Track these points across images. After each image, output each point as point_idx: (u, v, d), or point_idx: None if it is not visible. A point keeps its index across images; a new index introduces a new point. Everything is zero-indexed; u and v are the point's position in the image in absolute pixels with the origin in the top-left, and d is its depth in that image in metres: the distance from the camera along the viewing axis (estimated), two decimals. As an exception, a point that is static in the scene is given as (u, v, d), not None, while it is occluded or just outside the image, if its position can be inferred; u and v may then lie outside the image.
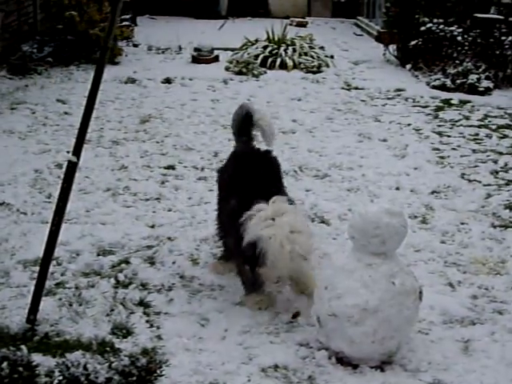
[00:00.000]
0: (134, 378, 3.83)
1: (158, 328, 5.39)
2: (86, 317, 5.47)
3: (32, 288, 5.42)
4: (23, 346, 4.04)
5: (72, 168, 5.11)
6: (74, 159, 5.08)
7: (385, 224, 4.84)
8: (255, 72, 14.38)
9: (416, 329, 5.32)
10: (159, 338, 5.25)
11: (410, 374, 4.92)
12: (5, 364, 3.83)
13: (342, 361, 4.99)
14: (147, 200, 7.86)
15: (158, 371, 3.96)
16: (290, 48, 15.28)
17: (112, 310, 5.57)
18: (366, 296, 4.81)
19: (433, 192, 8.27)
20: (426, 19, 14.63)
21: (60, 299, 5.71)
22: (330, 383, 4.79)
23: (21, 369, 3.85)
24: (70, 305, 5.63)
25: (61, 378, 3.85)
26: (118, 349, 4.93)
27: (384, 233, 4.85)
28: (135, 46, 16.96)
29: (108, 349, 4.24)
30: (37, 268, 5.92)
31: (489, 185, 8.55)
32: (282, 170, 6.44)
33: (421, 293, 5.07)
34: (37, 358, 4.42)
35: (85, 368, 3.82)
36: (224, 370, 4.86)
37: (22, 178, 8.39)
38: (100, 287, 5.94)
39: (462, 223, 7.44)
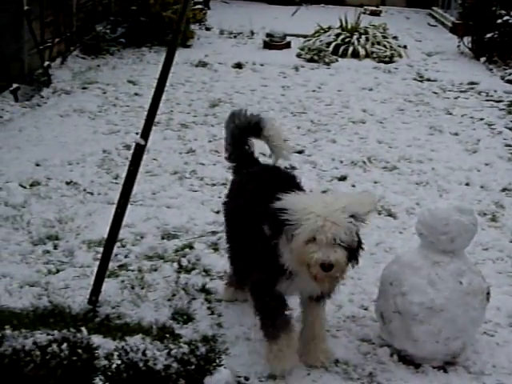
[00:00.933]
0: (193, 367, 3.79)
1: (219, 316, 5.35)
2: (147, 300, 5.46)
3: (95, 269, 5.44)
4: (83, 328, 4.04)
5: (139, 151, 5.09)
6: (142, 142, 5.05)
7: (454, 221, 4.71)
8: (327, 60, 14.25)
9: (481, 330, 5.18)
10: (220, 325, 5.21)
11: (474, 377, 4.80)
12: (64, 345, 3.82)
13: (405, 359, 4.89)
14: (213, 185, 7.83)
15: (217, 361, 3.90)
16: (363, 37, 15.11)
17: (173, 295, 5.55)
18: (432, 294, 4.69)
19: (504, 189, 8.08)
20: (503, 11, 14.31)
21: (122, 281, 5.72)
22: (391, 381, 4.70)
23: (80, 351, 3.84)
24: (132, 288, 5.63)
25: (119, 362, 3.82)
26: (177, 335, 4.93)
27: (453, 230, 4.72)
28: (207, 29, 16.95)
29: (168, 335, 4.23)
30: (101, 249, 5.94)
31: (561, 184, 8.32)
32: None
33: (488, 293, 4.93)
34: (97, 339, 4.43)
35: (144, 354, 3.79)
36: (284, 362, 4.79)
37: (90, 158, 8.44)
38: (163, 271, 5.93)
39: (533, 223, 7.26)
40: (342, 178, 8.22)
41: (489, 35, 14.36)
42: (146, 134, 5.08)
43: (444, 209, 4.77)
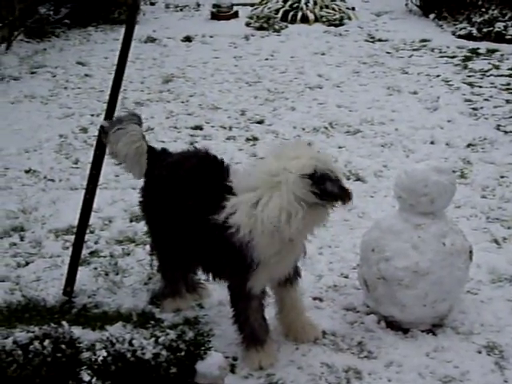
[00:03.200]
0: (183, 353, 3.66)
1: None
2: (123, 286, 5.32)
3: (66, 258, 5.31)
4: (64, 322, 3.88)
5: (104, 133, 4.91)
6: (107, 124, 4.87)
7: (433, 182, 4.63)
8: (276, 27, 14.07)
9: (465, 289, 5.13)
10: (200, 306, 5.11)
11: (464, 337, 4.75)
12: (47, 342, 3.66)
13: (392, 325, 4.82)
14: (176, 162, 7.66)
15: (206, 344, 3.78)
16: (311, 1, 14.90)
17: (150, 279, 5.41)
18: (416, 258, 4.62)
19: (469, 145, 8.03)
20: (449, -34, 14.23)
21: (95, 269, 5.57)
22: (381, 349, 4.63)
23: (63, 346, 3.69)
24: (107, 274, 5.48)
25: (105, 354, 3.68)
26: (159, 319, 4.82)
27: (433, 191, 4.64)
28: (152, 4, 16.61)
29: (152, 322, 4.11)
30: (69, 237, 5.81)
31: (526, 135, 8.31)
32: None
33: (471, 252, 4.88)
34: (77, 331, 4.32)
35: (130, 344, 3.65)
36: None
37: (47, 144, 8.22)
38: (135, 255, 5.79)
39: (502, 176, 7.23)
40: (306, 146, 8.09)
41: (436, -9, 14.28)
42: (110, 115, 4.90)
43: (422, 170, 4.69)
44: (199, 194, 4.45)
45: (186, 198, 4.49)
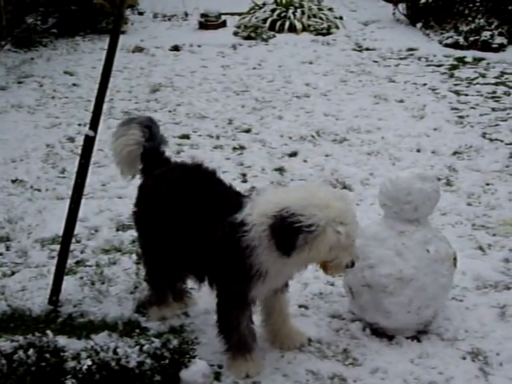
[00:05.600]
0: (167, 361, 3.67)
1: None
2: (109, 295, 5.32)
3: (51, 268, 5.30)
4: (49, 331, 3.89)
5: (89, 143, 4.94)
6: (92, 133, 4.89)
7: (417, 190, 4.66)
8: (264, 36, 14.11)
9: (450, 296, 5.16)
10: (186, 315, 5.10)
11: (448, 343, 4.77)
12: (31, 351, 3.67)
13: (377, 332, 4.84)
14: (163, 171, 7.67)
15: (191, 352, 3.79)
16: (299, 10, 14.96)
17: (136, 288, 5.41)
18: (400, 265, 4.64)
19: (455, 153, 8.07)
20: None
21: (81, 278, 5.57)
22: (366, 355, 4.65)
23: (48, 355, 3.69)
24: (93, 284, 5.47)
25: (90, 363, 3.68)
26: (144, 328, 4.82)
27: (416, 199, 4.67)
28: (140, 13, 16.62)
29: (137, 330, 4.11)
30: (55, 246, 5.81)
31: (511, 143, 8.33)
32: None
33: (455, 259, 4.90)
34: (62, 340, 4.31)
35: (115, 352, 3.66)
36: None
37: (34, 154, 8.22)
38: (121, 264, 5.78)
39: (488, 184, 7.27)
40: (293, 154, 8.13)
41: (423, 0, 14.31)
42: (94, 125, 4.92)
43: (405, 178, 4.71)
44: (196, 204, 4.43)
45: (182, 208, 4.47)
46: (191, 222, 4.42)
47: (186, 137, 8.70)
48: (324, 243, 3.95)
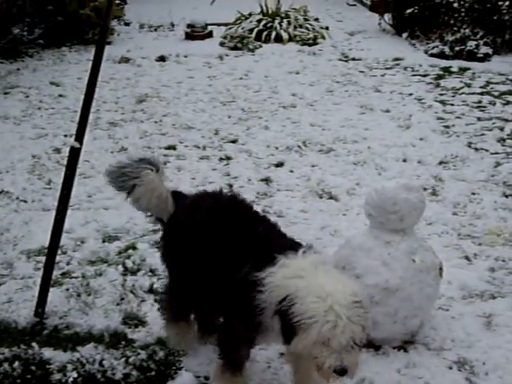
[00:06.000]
0: (153, 373, 3.66)
1: (171, 316, 5.21)
2: (95, 307, 5.28)
3: (37, 279, 5.26)
4: (34, 344, 3.88)
5: (75, 154, 4.92)
6: (77, 145, 4.87)
7: (402, 200, 4.67)
8: (250, 46, 14.16)
9: (436, 305, 5.16)
10: (172, 326, 5.08)
11: (434, 353, 4.77)
12: (16, 363, 3.66)
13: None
14: (150, 182, 7.65)
15: (177, 364, 3.78)
16: (285, 21, 15.04)
17: (122, 299, 5.38)
18: (386, 275, 4.64)
19: (441, 162, 8.10)
20: (421, -14, 14.38)
21: (67, 290, 5.53)
22: (352, 366, 4.63)
23: (33, 368, 3.68)
24: (79, 295, 5.45)
25: (76, 375, 3.67)
26: (131, 340, 4.79)
27: (402, 209, 4.68)
28: (126, 24, 16.65)
29: (123, 342, 4.10)
30: (41, 258, 5.78)
31: (497, 153, 8.38)
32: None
33: (441, 269, 4.91)
34: (48, 353, 4.30)
35: (101, 364, 3.65)
36: (241, 357, 4.68)
37: (20, 165, 8.19)
38: (108, 275, 5.76)
39: (473, 193, 7.29)
40: (279, 165, 8.14)
41: (409, 11, 14.39)
42: (80, 136, 4.90)
43: (391, 188, 4.72)
44: (223, 244, 4.15)
45: (208, 247, 4.21)
46: (221, 254, 4.16)
47: (173, 147, 8.70)
48: (308, 338, 3.62)
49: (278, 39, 14.66)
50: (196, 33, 15.24)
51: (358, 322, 3.62)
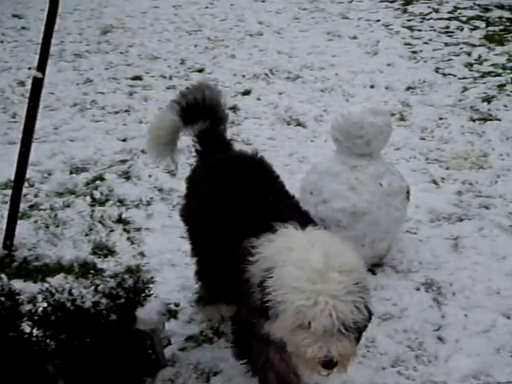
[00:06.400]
0: (122, 300, 3.67)
1: (140, 245, 5.23)
2: (64, 238, 5.30)
3: (5, 212, 5.23)
4: (3, 276, 3.87)
5: (38, 85, 4.84)
6: (40, 75, 4.80)
7: (369, 124, 4.67)
8: (215, -26, 13.92)
9: (404, 229, 5.21)
10: (142, 255, 5.10)
11: (402, 275, 4.84)
12: (-15, 295, 3.65)
13: (332, 266, 4.86)
14: (116, 113, 7.61)
15: (146, 291, 3.79)
16: None
17: (91, 230, 5.40)
18: (353, 199, 4.67)
19: (408, 88, 8.08)
20: None
21: (36, 222, 5.53)
22: (321, 290, 4.67)
23: (3, 299, 3.67)
24: (47, 227, 5.44)
25: (45, 305, 3.67)
26: (100, 269, 4.81)
27: (368, 133, 4.68)
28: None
29: (92, 272, 4.10)
30: (8, 191, 5.73)
31: (464, 78, 8.35)
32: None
33: (408, 192, 4.94)
34: (17, 284, 4.30)
35: (70, 293, 3.65)
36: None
37: (-16, 99, 8.09)
38: (76, 206, 5.75)
39: (441, 118, 7.29)
40: (246, 93, 8.09)
41: None
42: (42, 66, 4.82)
43: (357, 112, 4.72)
44: (232, 211, 3.73)
45: (220, 213, 3.79)
46: (228, 223, 3.72)
47: (139, 78, 8.61)
48: (284, 320, 3.10)
49: (244, -34, 14.42)
50: (160, -39, 14.95)
51: (348, 300, 3.00)
